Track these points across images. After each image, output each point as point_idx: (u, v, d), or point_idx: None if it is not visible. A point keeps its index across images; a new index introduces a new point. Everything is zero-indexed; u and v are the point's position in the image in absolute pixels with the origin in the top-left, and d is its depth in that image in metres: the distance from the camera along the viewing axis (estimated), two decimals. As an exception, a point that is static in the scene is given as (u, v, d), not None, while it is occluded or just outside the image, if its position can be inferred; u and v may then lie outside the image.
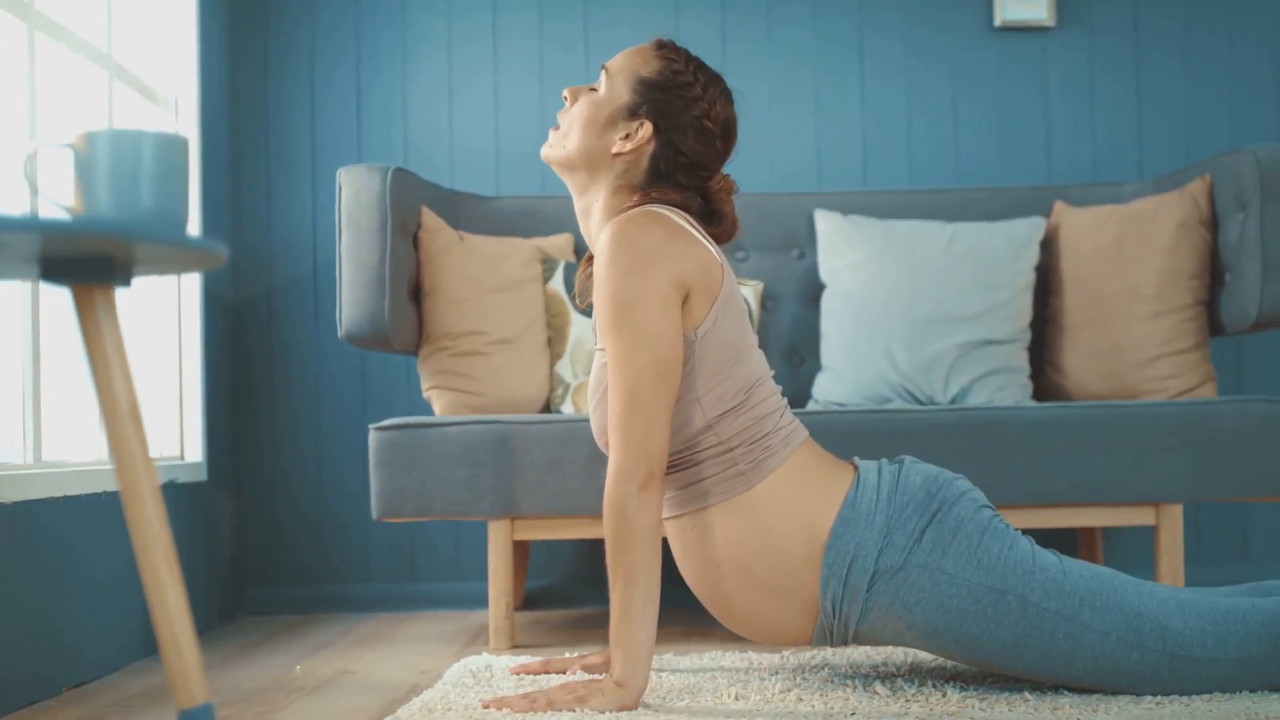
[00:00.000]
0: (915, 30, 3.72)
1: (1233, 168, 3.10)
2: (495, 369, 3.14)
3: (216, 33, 3.52)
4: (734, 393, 2.15)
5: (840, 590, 2.13)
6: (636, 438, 2.07)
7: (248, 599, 3.60)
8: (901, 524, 2.13)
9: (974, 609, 2.11)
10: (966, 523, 2.14)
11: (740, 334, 2.18)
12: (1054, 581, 2.12)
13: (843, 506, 2.14)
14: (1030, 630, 2.11)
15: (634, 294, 2.08)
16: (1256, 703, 2.06)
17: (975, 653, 2.15)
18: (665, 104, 2.22)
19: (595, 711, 2.06)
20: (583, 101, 2.26)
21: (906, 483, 2.17)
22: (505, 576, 2.89)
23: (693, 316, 2.13)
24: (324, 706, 2.28)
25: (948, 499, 2.15)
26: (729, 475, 2.15)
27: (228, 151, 3.60)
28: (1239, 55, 3.70)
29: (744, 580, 2.17)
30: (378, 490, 2.87)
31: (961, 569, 2.11)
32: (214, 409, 3.42)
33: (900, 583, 2.12)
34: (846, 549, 2.12)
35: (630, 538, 2.08)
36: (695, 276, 2.12)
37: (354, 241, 3.00)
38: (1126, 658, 2.11)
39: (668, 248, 2.11)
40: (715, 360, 2.14)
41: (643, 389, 2.08)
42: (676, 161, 2.23)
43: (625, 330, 2.08)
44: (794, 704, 2.15)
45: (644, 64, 2.25)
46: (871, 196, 3.50)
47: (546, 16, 3.72)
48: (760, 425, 2.16)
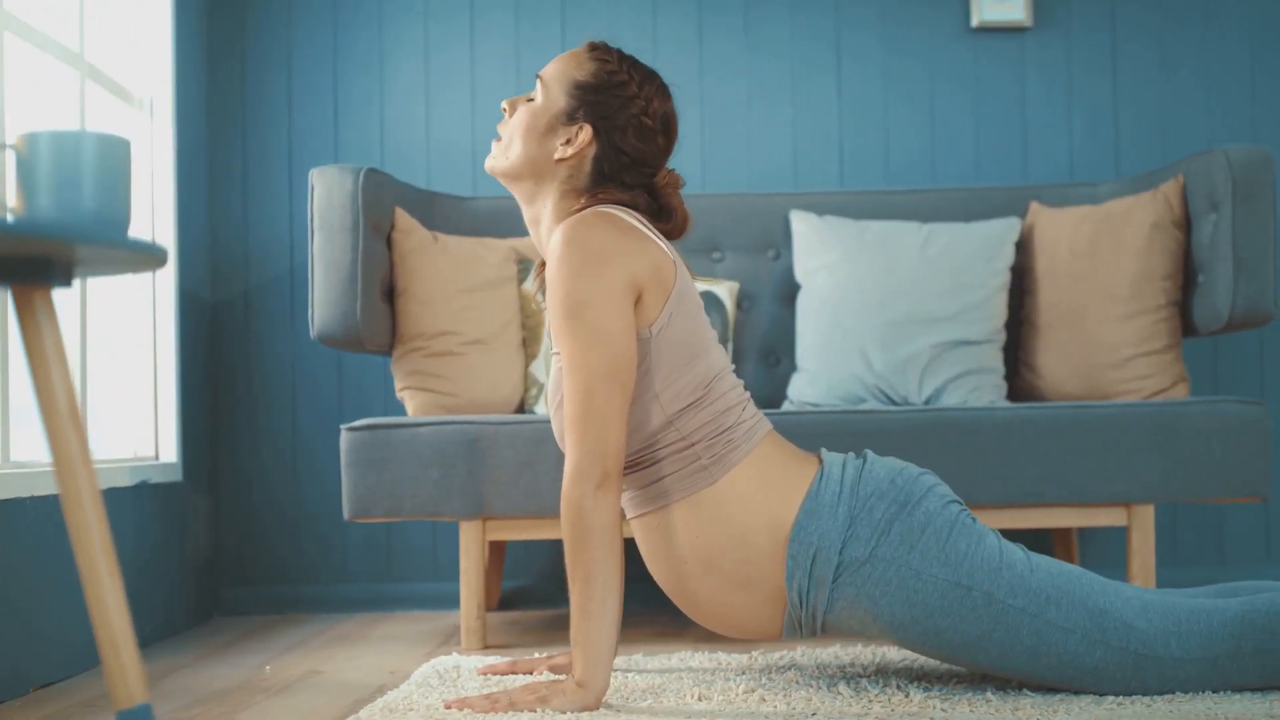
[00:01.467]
0: (892, 30, 3.72)
1: (1205, 168, 3.10)
2: (469, 369, 3.14)
3: (193, 33, 3.52)
4: (693, 388, 2.16)
5: (806, 582, 2.14)
6: (592, 438, 2.08)
7: (223, 599, 3.60)
8: (866, 515, 2.13)
9: (940, 604, 2.11)
10: (935, 518, 2.14)
11: (695, 330, 2.18)
12: (1020, 578, 2.12)
13: (806, 498, 2.14)
14: (995, 626, 2.11)
15: (586, 294, 2.08)
16: (1219, 703, 2.06)
17: (941, 646, 2.16)
18: (602, 105, 2.22)
19: (556, 712, 2.06)
20: (521, 111, 2.26)
21: (871, 475, 2.17)
22: (476, 577, 2.89)
23: (646, 314, 2.13)
24: (289, 706, 2.28)
25: (914, 493, 2.16)
26: (691, 470, 2.16)
27: (204, 152, 3.60)
28: (1216, 55, 3.71)
29: (711, 575, 2.18)
30: (349, 491, 2.87)
31: (928, 564, 2.11)
32: (190, 409, 3.42)
33: (866, 576, 2.12)
34: (810, 540, 2.13)
35: (587, 538, 2.09)
36: (647, 275, 2.12)
37: (326, 242, 3.00)
38: (1090, 655, 2.11)
39: (618, 247, 2.11)
40: (671, 357, 2.14)
41: (597, 389, 2.08)
42: (619, 161, 2.23)
43: (578, 331, 2.09)
44: (757, 704, 2.15)
45: (578, 68, 2.25)
46: (848, 197, 3.50)
47: (523, 18, 3.72)
48: (721, 419, 2.17)
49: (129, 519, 3.01)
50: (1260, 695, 2.12)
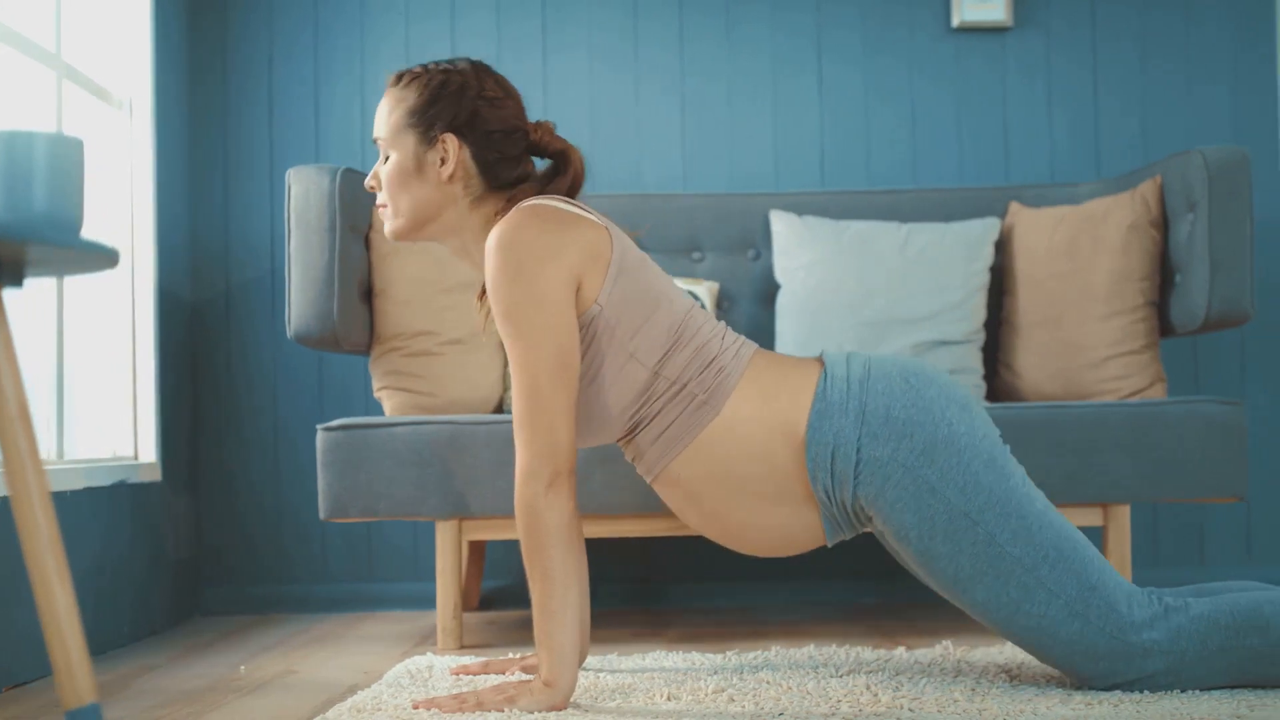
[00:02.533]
0: (873, 31, 3.72)
1: (1182, 169, 3.11)
2: (447, 369, 3.14)
3: (173, 33, 3.52)
4: (664, 335, 2.17)
5: (829, 480, 2.15)
6: (541, 437, 2.10)
7: (204, 599, 3.60)
8: (880, 412, 2.13)
9: (944, 528, 2.12)
10: (960, 438, 2.14)
11: (645, 285, 2.19)
12: (1026, 529, 2.12)
13: (814, 399, 2.16)
14: (988, 568, 2.12)
15: (521, 296, 2.10)
16: (1186, 703, 2.06)
17: (932, 573, 2.17)
18: (444, 109, 2.23)
19: (523, 712, 2.07)
20: (385, 171, 2.26)
21: (880, 370, 2.18)
22: (453, 577, 2.89)
23: (590, 291, 2.14)
24: (259, 706, 2.28)
25: (935, 400, 2.15)
26: (693, 409, 2.17)
27: (185, 152, 3.60)
28: (1197, 55, 3.71)
29: (744, 501, 2.19)
30: (325, 491, 2.87)
31: (945, 483, 2.12)
32: (169, 409, 3.42)
33: (885, 478, 2.12)
34: (825, 440, 2.14)
35: (542, 538, 2.10)
36: (581, 261, 2.14)
37: (303, 242, 3.01)
38: (1068, 626, 2.12)
39: (546, 242, 2.12)
40: (631, 316, 2.16)
41: (542, 388, 2.10)
42: (493, 141, 2.23)
43: (520, 333, 2.10)
44: (725, 704, 2.15)
45: (400, 101, 2.25)
46: (828, 197, 3.50)
47: (504, 20, 3.72)
48: (703, 353, 2.18)
49: (106, 519, 3.01)
50: (1228, 694, 2.13)
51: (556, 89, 3.71)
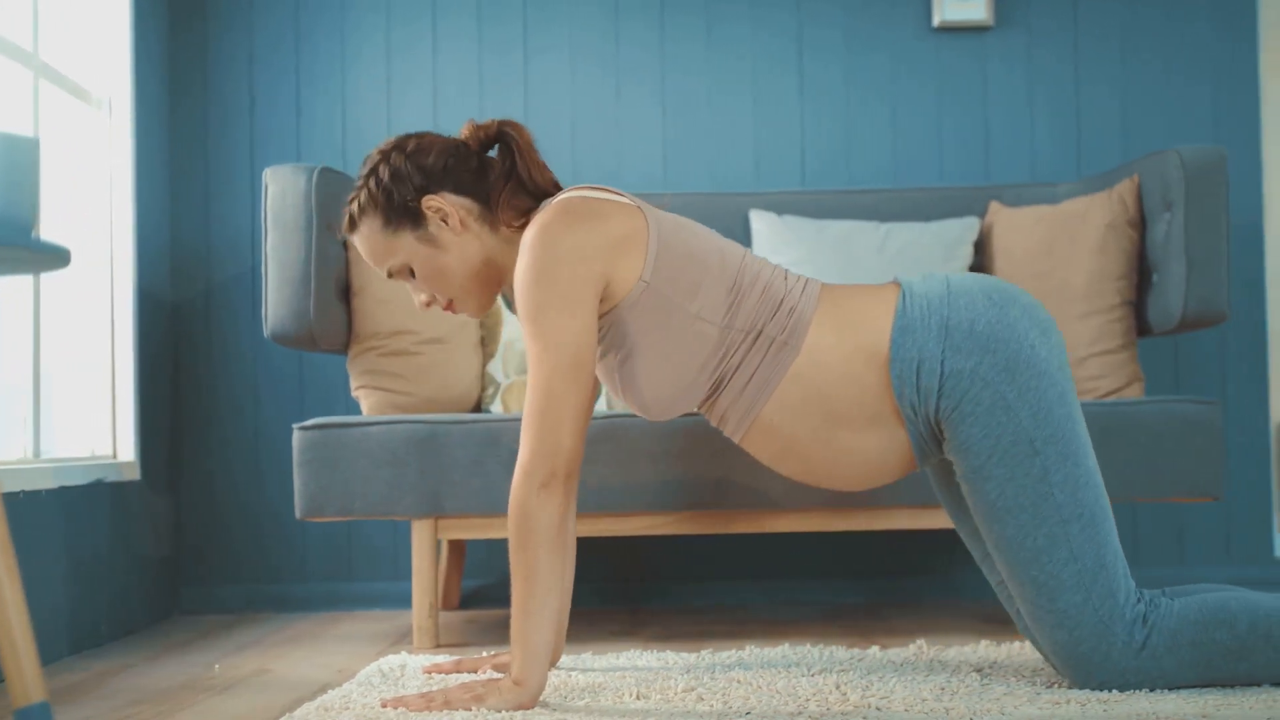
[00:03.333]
0: (854, 30, 3.72)
1: (1159, 168, 3.11)
2: (424, 368, 3.15)
3: (153, 32, 3.52)
4: (724, 291, 2.18)
5: (915, 395, 2.15)
6: (544, 437, 2.10)
7: (183, 598, 3.60)
8: (961, 323, 2.15)
9: (1008, 449, 2.12)
10: (1043, 363, 2.15)
11: (690, 250, 2.19)
12: (1075, 479, 2.13)
13: (896, 318, 2.17)
14: (1029, 504, 2.12)
15: (544, 297, 2.11)
16: (1153, 702, 2.06)
17: (975, 497, 2.17)
18: (401, 193, 2.25)
19: (491, 710, 2.07)
20: (422, 280, 2.29)
21: (961, 285, 2.20)
22: (428, 576, 2.89)
23: (633, 269, 2.15)
24: (228, 706, 2.28)
25: (1018, 321, 2.16)
26: (774, 352, 2.18)
27: (165, 152, 3.60)
28: (1178, 55, 3.71)
29: (837, 431, 2.20)
30: (301, 490, 2.87)
31: (1020, 403, 2.12)
32: (149, 408, 3.42)
33: (965, 390, 2.13)
34: (910, 356, 2.15)
35: (530, 537, 2.10)
36: (613, 251, 2.14)
37: (279, 241, 3.01)
38: (1070, 595, 2.13)
39: (573, 242, 2.12)
40: (683, 281, 2.16)
41: (554, 387, 2.11)
42: (450, 171, 2.26)
43: (538, 332, 2.11)
44: (694, 703, 2.15)
45: (371, 230, 2.28)
46: (808, 197, 3.50)
47: (485, 22, 3.72)
48: (769, 297, 2.20)
49: (83, 518, 3.01)
50: (1196, 693, 2.13)
51: (537, 90, 3.71)
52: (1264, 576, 3.64)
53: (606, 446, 2.84)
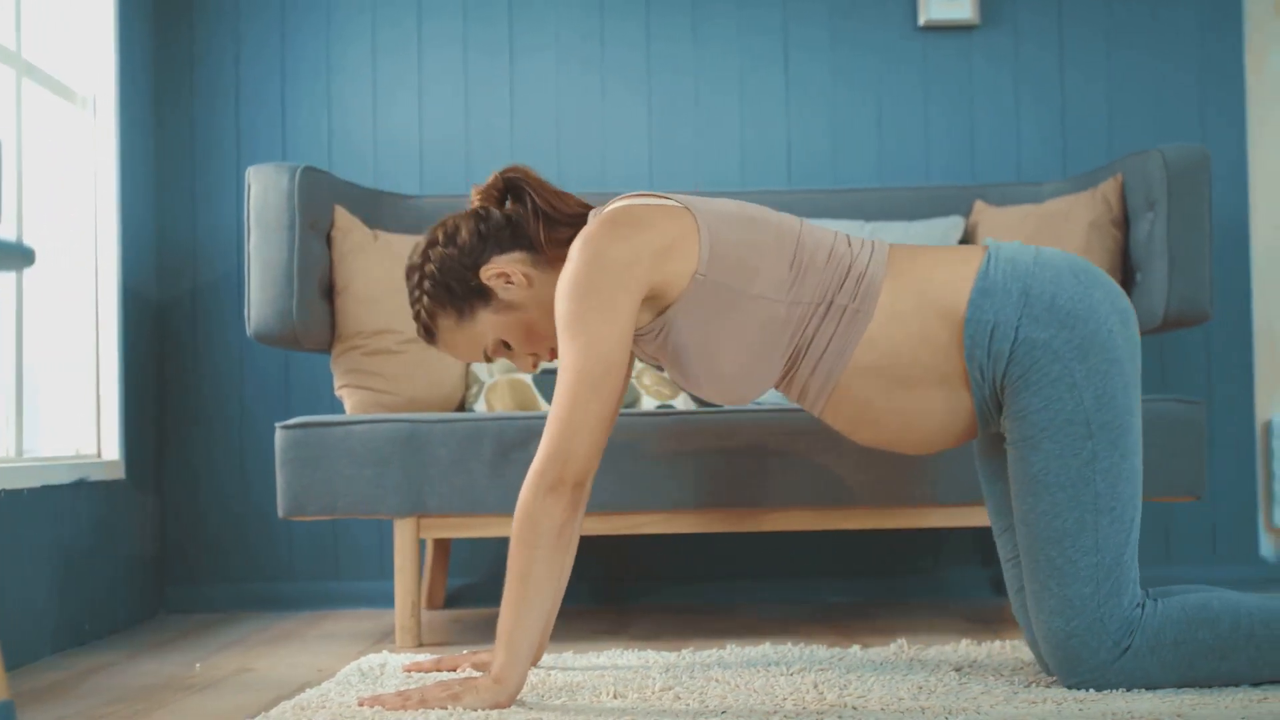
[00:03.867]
0: (840, 29, 3.72)
1: (1142, 167, 3.11)
2: (407, 367, 3.14)
3: (138, 30, 3.52)
4: (784, 269, 2.18)
5: (985, 358, 2.15)
6: (559, 441, 2.10)
7: (168, 597, 3.60)
8: (1042, 294, 2.14)
9: (1063, 426, 2.12)
10: (1119, 350, 2.15)
11: (744, 236, 2.18)
12: (1119, 472, 2.14)
13: (977, 279, 2.16)
14: (1069, 485, 2.13)
15: (584, 306, 2.10)
16: (1129, 701, 2.06)
17: (1019, 469, 2.16)
18: (460, 277, 2.27)
19: (468, 709, 2.07)
20: (516, 348, 2.31)
21: (1048, 258, 2.19)
22: (411, 575, 2.89)
23: (687, 264, 2.14)
24: (204, 704, 2.28)
25: (1099, 304, 2.15)
26: (847, 319, 2.17)
27: (151, 150, 3.60)
28: (1163, 54, 3.71)
29: (909, 392, 2.19)
30: (283, 489, 2.87)
31: (1086, 384, 2.13)
32: (134, 407, 3.42)
33: (1034, 361, 2.13)
34: (986, 318, 2.14)
35: (529, 537, 2.10)
36: (659, 256, 2.13)
37: (262, 240, 3.01)
38: (1081, 586, 2.13)
39: (617, 253, 2.12)
40: (741, 267, 2.16)
41: (578, 396, 2.10)
42: (494, 237, 2.28)
43: (573, 337, 2.11)
44: (670, 702, 2.15)
45: (451, 323, 2.30)
46: (793, 196, 3.50)
47: (471, 20, 3.72)
48: (835, 266, 2.19)
49: (66, 517, 3.01)
50: (1173, 692, 2.13)
51: (523, 91, 3.71)
52: (1250, 576, 3.64)
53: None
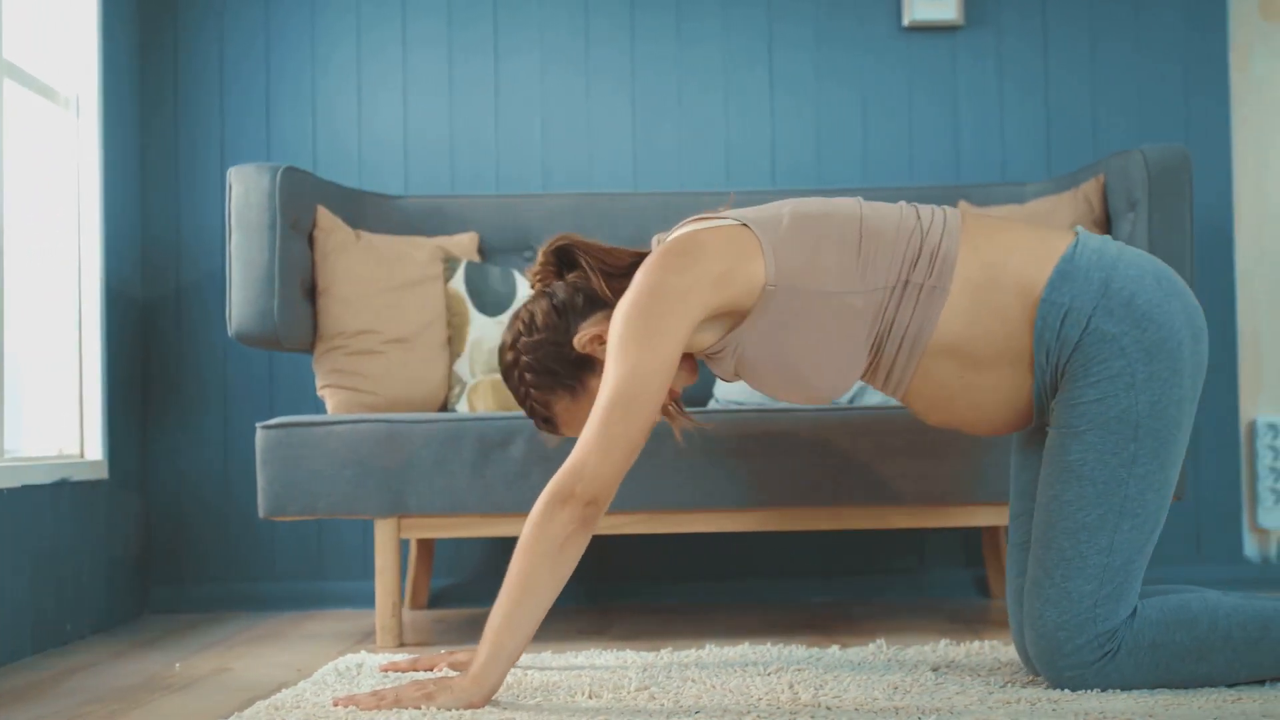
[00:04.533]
0: (825, 29, 3.72)
1: (1123, 168, 3.11)
2: (390, 368, 3.14)
3: (122, 30, 3.52)
4: (852, 259, 2.16)
5: (1054, 342, 2.14)
6: (581, 456, 2.09)
7: (153, 597, 3.60)
8: (1122, 290, 2.13)
9: (1112, 422, 2.12)
10: (1183, 361, 2.14)
11: (809, 235, 2.17)
12: (1153, 481, 2.14)
13: (1060, 260, 2.15)
14: (1102, 481, 2.12)
15: (636, 331, 2.10)
16: (1102, 701, 2.07)
17: (1055, 456, 2.16)
18: (559, 339, 2.26)
19: (441, 709, 2.07)
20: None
21: (1135, 257, 2.18)
22: (392, 575, 2.89)
23: (755, 277, 2.14)
24: (182, 704, 2.28)
25: (1174, 315, 2.14)
26: (925, 296, 2.16)
27: (135, 150, 3.60)
28: (1147, 54, 3.71)
29: (978, 371, 2.18)
30: (264, 488, 2.88)
31: (1145, 387, 2.12)
32: (118, 407, 3.42)
33: (1098, 352, 2.12)
34: (1061, 301, 2.13)
35: (533, 545, 2.09)
36: (719, 280, 2.12)
37: (243, 240, 3.01)
38: (1081, 584, 2.13)
39: (674, 283, 2.11)
40: (812, 269, 2.15)
41: (610, 416, 2.08)
42: (582, 291, 2.28)
43: (620, 358, 2.10)
44: (645, 702, 2.15)
45: (547, 392, 2.28)
46: (778, 196, 3.47)
47: (455, 24, 3.71)
48: (905, 242, 2.18)
49: (47, 517, 3.01)
50: (1147, 693, 2.13)
51: (508, 91, 3.71)
52: (1234, 576, 3.64)
53: (566, 447, 2.83)
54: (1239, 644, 2.16)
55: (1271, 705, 2.02)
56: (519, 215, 3.51)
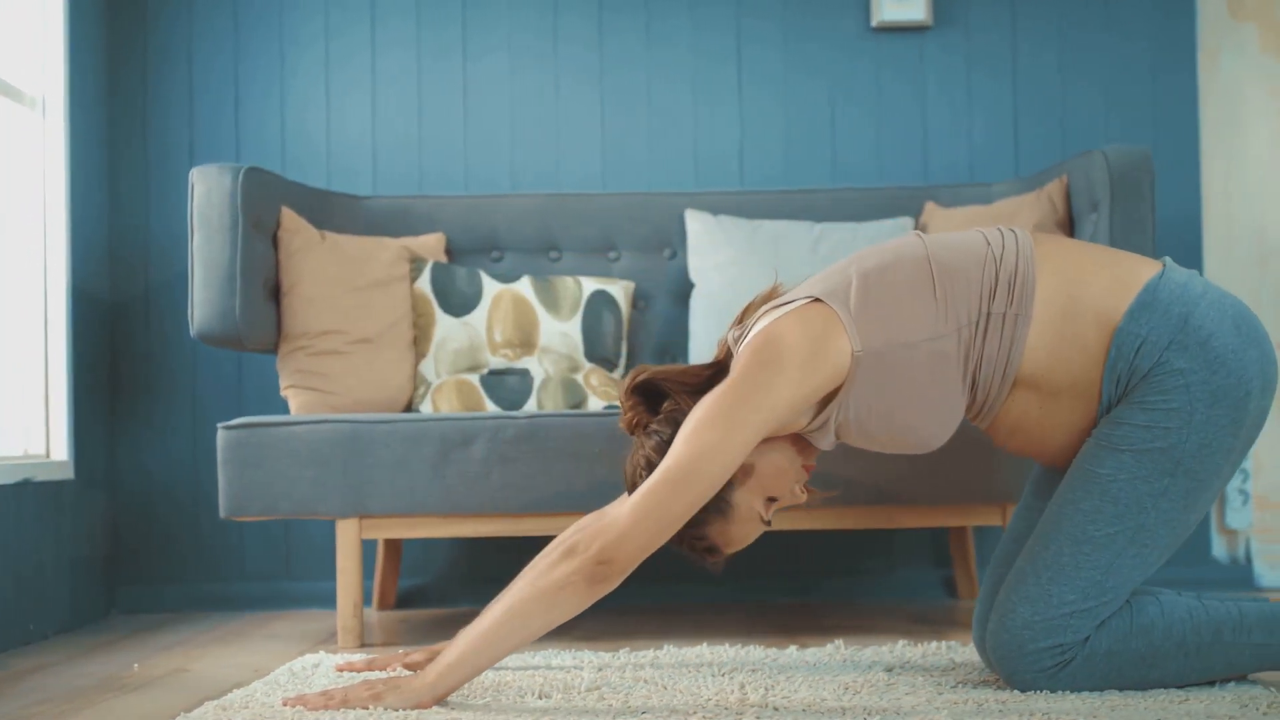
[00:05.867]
0: (793, 30, 3.72)
1: (1085, 169, 3.11)
2: (354, 368, 3.14)
3: (89, 31, 3.51)
4: (929, 302, 2.13)
5: (1125, 371, 2.12)
6: (620, 515, 2.05)
7: (121, 597, 3.60)
8: (1200, 329, 2.10)
9: (1156, 451, 2.10)
10: (1246, 412, 2.13)
11: (883, 293, 2.13)
12: (1173, 518, 2.13)
13: (1142, 290, 2.12)
14: (1122, 501, 2.11)
15: (703, 424, 2.07)
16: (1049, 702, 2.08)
17: (1087, 460, 2.14)
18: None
19: (388, 709, 2.07)
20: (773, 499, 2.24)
21: (1218, 298, 2.15)
22: (353, 576, 2.89)
23: (840, 357, 2.10)
24: (133, 705, 2.28)
25: (1248, 363, 2.12)
26: (1009, 326, 2.13)
27: (103, 151, 3.60)
28: (1116, 55, 3.71)
29: (1058, 402, 2.16)
30: (225, 489, 2.88)
31: (1200, 429, 2.10)
32: (84, 408, 3.41)
33: (1164, 383, 2.10)
34: (1139, 331, 2.10)
35: (536, 577, 2.08)
36: (796, 390, 2.09)
37: (205, 241, 3.01)
38: (1065, 592, 2.12)
39: (758, 398, 2.08)
40: (893, 324, 2.12)
41: (658, 489, 2.05)
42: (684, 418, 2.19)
43: (684, 443, 2.07)
44: (595, 702, 2.15)
45: None
46: (745, 197, 3.50)
47: (424, 25, 3.72)
48: (981, 273, 2.14)
49: (11, 517, 3.01)
50: (1097, 695, 2.13)
51: (476, 92, 3.71)
52: (1202, 576, 3.64)
53: (528, 447, 2.84)
54: (1191, 649, 2.16)
55: (1217, 706, 2.02)
56: (486, 216, 3.51)
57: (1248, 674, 2.22)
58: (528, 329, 3.27)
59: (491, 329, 3.25)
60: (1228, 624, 2.18)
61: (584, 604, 2.06)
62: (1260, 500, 3.70)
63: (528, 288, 3.31)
